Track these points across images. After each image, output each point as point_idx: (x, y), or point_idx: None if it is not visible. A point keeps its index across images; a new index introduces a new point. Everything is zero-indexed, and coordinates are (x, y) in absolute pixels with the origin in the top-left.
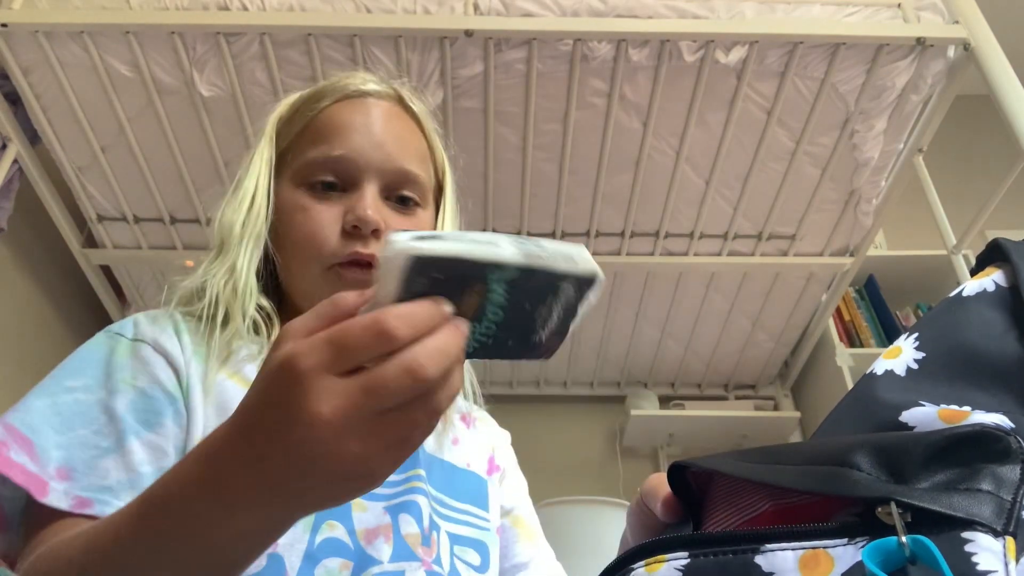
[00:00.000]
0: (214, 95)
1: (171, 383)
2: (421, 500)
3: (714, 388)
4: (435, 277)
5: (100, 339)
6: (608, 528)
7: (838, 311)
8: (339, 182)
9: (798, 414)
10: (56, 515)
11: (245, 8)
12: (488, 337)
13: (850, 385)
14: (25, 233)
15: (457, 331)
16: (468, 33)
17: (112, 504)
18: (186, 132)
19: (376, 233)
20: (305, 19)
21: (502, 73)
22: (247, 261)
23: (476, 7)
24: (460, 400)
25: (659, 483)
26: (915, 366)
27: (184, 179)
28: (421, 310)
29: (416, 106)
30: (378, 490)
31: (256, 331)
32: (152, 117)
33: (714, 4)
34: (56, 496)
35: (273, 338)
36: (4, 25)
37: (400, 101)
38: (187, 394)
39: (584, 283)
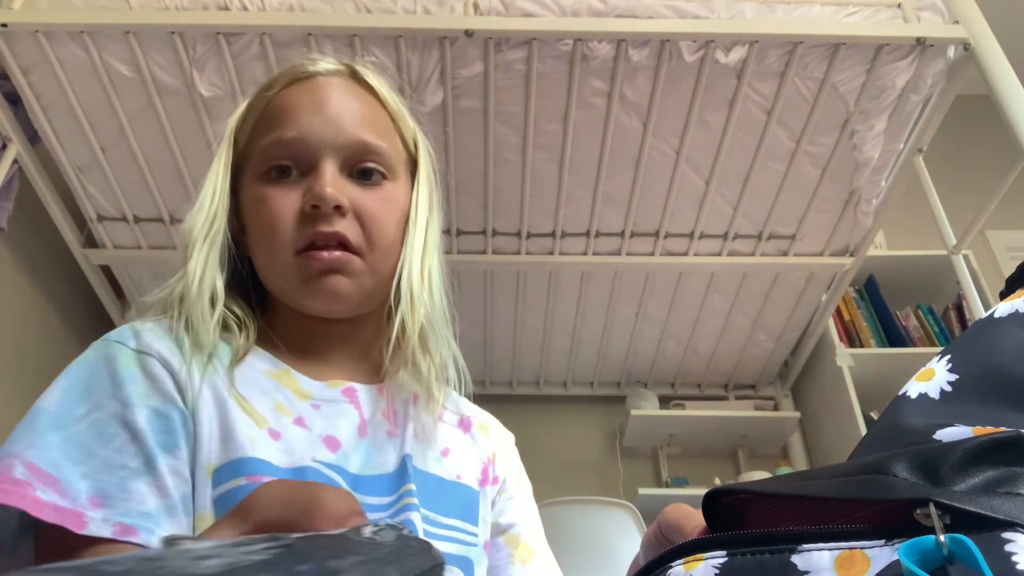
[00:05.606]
0: (214, 95)
1: (180, 401)
2: (415, 517)
3: (714, 388)
4: None
5: (99, 349)
6: (608, 528)
7: (838, 311)
8: (295, 166)
9: (798, 414)
10: (93, 541)
11: (245, 8)
12: None
13: (850, 385)
14: (25, 233)
15: None
16: (468, 33)
17: (155, 532)
18: (186, 132)
19: (339, 210)
20: (305, 19)
21: (502, 73)
22: (202, 263)
23: (476, 7)
24: (461, 402)
25: (682, 516)
26: (949, 388)
27: (184, 179)
28: None
29: (372, 79)
30: (373, 509)
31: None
32: (152, 117)
33: (714, 4)
34: (96, 525)
35: (243, 344)
36: (4, 25)
37: (354, 75)
38: (193, 413)
39: None
